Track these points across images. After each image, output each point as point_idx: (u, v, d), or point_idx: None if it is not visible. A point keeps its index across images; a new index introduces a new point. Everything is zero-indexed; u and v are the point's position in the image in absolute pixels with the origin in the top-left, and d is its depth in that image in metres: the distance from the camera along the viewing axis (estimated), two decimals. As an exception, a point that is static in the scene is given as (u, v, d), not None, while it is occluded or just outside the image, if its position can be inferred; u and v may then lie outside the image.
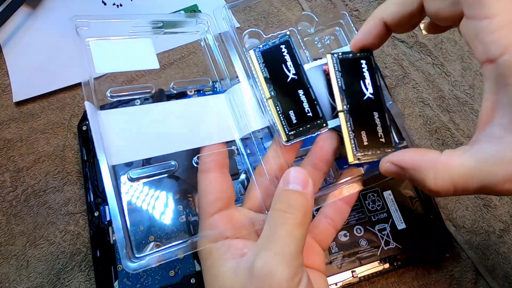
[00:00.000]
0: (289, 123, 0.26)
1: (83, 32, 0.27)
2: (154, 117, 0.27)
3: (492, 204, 0.39)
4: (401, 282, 0.36)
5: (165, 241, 0.30)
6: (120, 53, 0.28)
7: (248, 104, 0.28)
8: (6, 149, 0.38)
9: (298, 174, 0.23)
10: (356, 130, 0.26)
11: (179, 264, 0.32)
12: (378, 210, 0.36)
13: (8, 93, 0.41)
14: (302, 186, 0.23)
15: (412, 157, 0.22)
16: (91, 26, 0.27)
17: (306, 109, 0.27)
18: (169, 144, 0.26)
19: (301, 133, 0.26)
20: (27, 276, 0.34)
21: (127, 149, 0.25)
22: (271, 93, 0.27)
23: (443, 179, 0.20)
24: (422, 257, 0.35)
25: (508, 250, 0.37)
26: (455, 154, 0.20)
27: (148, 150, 0.26)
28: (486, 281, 0.36)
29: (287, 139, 0.26)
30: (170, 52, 0.44)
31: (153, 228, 0.30)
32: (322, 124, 0.27)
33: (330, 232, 0.28)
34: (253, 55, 0.27)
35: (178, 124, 0.27)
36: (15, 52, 0.42)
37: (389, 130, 0.26)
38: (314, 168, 0.27)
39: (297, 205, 0.22)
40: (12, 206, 0.36)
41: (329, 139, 0.27)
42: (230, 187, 0.27)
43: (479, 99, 0.44)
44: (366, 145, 0.26)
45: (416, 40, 0.47)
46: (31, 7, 0.45)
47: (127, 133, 0.26)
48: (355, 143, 0.26)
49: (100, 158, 0.23)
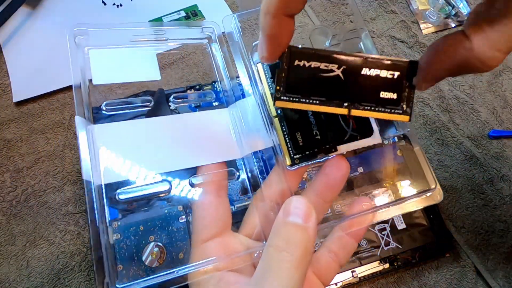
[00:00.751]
0: (295, 145, 0.24)
1: (82, 41, 0.25)
2: (151, 132, 0.25)
3: (492, 204, 0.39)
4: (401, 282, 0.36)
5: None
6: (120, 64, 0.27)
7: (253, 122, 0.26)
8: (6, 149, 0.38)
9: (299, 205, 0.21)
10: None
11: (179, 264, 0.32)
12: (378, 210, 0.36)
13: (8, 93, 0.41)
14: (303, 219, 0.21)
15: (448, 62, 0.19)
16: (90, 35, 0.25)
17: (314, 131, 0.25)
18: (165, 162, 0.25)
19: (308, 157, 0.24)
20: (27, 276, 0.34)
21: (120, 167, 0.23)
22: (277, 111, 0.25)
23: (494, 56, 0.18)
24: (422, 257, 0.35)
25: (508, 250, 0.37)
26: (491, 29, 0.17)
27: (142, 169, 0.24)
28: (486, 281, 0.36)
29: (291, 163, 0.24)
30: (170, 52, 0.44)
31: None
32: (331, 149, 0.25)
33: (333, 268, 0.25)
34: (261, 69, 0.26)
35: (176, 140, 0.25)
36: (15, 52, 0.42)
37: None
38: (319, 196, 0.25)
39: (296, 241, 0.20)
40: (12, 206, 0.36)
41: (338, 166, 0.24)
42: (226, 211, 0.25)
43: (479, 99, 0.44)
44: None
45: (416, 40, 0.47)
46: (31, 7, 0.45)
47: (121, 149, 0.24)
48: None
49: (86, 175, 0.21)
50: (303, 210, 0.21)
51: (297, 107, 0.22)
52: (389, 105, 0.22)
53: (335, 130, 0.25)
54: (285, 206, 0.21)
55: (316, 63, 0.21)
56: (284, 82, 0.21)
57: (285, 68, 0.21)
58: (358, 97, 0.22)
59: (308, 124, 0.25)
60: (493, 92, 0.45)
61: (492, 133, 0.42)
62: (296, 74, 0.21)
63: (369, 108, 0.22)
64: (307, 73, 0.21)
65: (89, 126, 0.23)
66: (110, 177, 0.23)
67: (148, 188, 0.26)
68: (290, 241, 0.20)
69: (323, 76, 0.22)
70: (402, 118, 0.22)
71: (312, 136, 0.25)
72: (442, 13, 0.49)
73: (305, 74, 0.21)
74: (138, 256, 0.27)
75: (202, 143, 0.26)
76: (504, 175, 0.40)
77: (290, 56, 0.21)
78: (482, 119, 0.43)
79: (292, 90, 0.21)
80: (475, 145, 0.42)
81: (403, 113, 0.22)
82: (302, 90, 0.22)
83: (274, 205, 0.24)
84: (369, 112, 0.22)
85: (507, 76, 0.46)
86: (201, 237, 0.24)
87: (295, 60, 0.21)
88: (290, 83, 0.21)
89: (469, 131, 0.43)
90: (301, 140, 0.24)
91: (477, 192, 0.40)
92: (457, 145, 0.42)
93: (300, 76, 0.22)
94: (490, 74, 0.46)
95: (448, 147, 0.42)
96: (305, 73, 0.21)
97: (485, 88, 0.45)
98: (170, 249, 0.29)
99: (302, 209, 0.21)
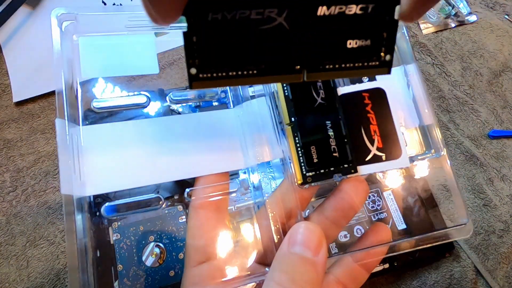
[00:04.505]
0: (309, 161, 0.21)
1: (69, 28, 0.21)
2: (145, 136, 0.22)
3: (492, 204, 0.39)
4: (401, 282, 0.36)
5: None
6: (114, 53, 0.23)
7: (261, 128, 0.22)
8: (6, 149, 0.38)
9: (309, 234, 0.18)
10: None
11: (179, 264, 0.32)
12: (378, 210, 0.36)
13: (8, 93, 0.41)
14: (313, 251, 0.18)
15: None
16: (79, 21, 0.21)
17: (332, 147, 0.21)
18: (159, 171, 0.22)
19: (322, 176, 0.21)
20: (27, 276, 0.34)
21: (108, 176, 0.21)
22: (291, 119, 0.21)
23: None
24: (422, 257, 0.35)
25: (508, 250, 0.37)
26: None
27: (132, 179, 0.21)
28: (486, 281, 0.36)
29: (302, 181, 0.21)
30: (170, 52, 0.44)
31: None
32: (350, 170, 0.21)
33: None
34: None
35: (173, 145, 0.23)
36: (15, 52, 0.42)
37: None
38: (330, 220, 0.21)
39: (302, 280, 0.17)
40: (12, 206, 0.36)
41: (357, 189, 0.21)
42: (225, 229, 0.22)
43: (479, 99, 0.44)
44: (316, 162, 0.21)
45: (416, 40, 0.47)
46: (31, 7, 0.45)
47: (109, 155, 0.21)
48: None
49: (64, 187, 0.18)
50: (314, 240, 0.18)
51: (225, 85, 0.15)
52: (361, 57, 0.16)
53: (356, 147, 0.21)
54: (292, 234, 0.18)
55: (243, 11, 0.14)
56: (199, 51, 0.14)
57: (195, 29, 0.14)
58: (314, 54, 0.15)
59: (325, 138, 0.21)
60: (493, 92, 0.45)
61: (492, 133, 0.42)
62: (214, 35, 0.14)
63: (332, 67, 0.16)
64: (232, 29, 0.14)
65: (72, 128, 0.20)
66: (96, 188, 0.21)
67: (137, 201, 0.24)
68: (296, 279, 0.17)
69: (258, 30, 0.14)
70: (379, 71, 0.16)
71: (330, 152, 0.21)
72: (442, 13, 0.49)
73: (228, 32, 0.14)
74: (138, 256, 0.27)
75: (203, 149, 0.23)
76: (504, 175, 0.40)
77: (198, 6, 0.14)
78: (482, 119, 0.43)
79: (212, 61, 0.15)
80: (475, 145, 0.42)
81: (380, 65, 0.16)
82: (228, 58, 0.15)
83: (279, 227, 0.21)
84: (333, 73, 0.16)
85: (507, 76, 0.46)
86: (195, 258, 0.21)
87: (209, 12, 0.14)
88: (208, 51, 0.14)
89: (469, 131, 0.43)
90: (316, 156, 0.21)
91: (477, 192, 0.40)
92: (457, 145, 0.42)
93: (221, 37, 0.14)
94: (490, 74, 0.46)
95: (448, 147, 0.42)
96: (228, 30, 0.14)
97: (485, 88, 0.45)
98: (170, 249, 0.29)
99: (312, 239, 0.18)
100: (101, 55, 0.22)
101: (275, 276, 0.18)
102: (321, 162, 0.21)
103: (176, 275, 0.31)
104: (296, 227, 0.19)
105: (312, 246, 0.18)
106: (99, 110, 0.25)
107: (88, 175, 0.20)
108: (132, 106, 0.26)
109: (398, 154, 0.22)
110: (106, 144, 0.21)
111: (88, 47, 0.22)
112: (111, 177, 0.21)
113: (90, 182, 0.20)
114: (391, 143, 0.22)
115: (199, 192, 0.22)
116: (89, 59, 0.22)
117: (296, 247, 0.18)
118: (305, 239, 0.18)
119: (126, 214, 0.24)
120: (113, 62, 0.23)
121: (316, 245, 0.18)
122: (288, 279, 0.17)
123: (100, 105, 0.25)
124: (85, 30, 0.21)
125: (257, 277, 0.21)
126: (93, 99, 0.25)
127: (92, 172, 0.20)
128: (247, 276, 0.21)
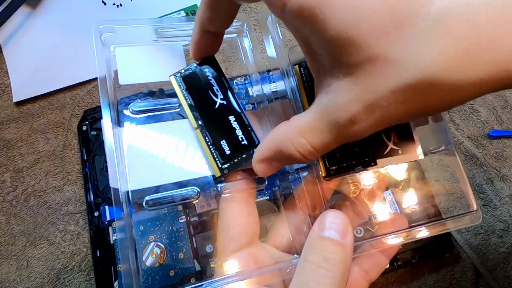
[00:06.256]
0: (332, 156, 0.23)
1: (108, 39, 0.24)
2: (180, 135, 0.25)
3: (492, 204, 0.39)
4: (401, 282, 0.36)
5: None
6: (147, 62, 0.26)
7: None
8: (6, 149, 0.38)
9: (336, 220, 0.20)
10: (216, 142, 0.24)
11: (179, 264, 0.32)
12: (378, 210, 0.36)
13: (8, 93, 0.41)
14: (341, 234, 0.19)
15: (269, 142, 0.20)
16: (116, 32, 0.24)
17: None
18: (194, 167, 0.24)
19: (344, 169, 0.23)
20: (27, 276, 0.34)
21: (148, 172, 0.23)
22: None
23: (301, 144, 0.18)
24: (422, 257, 0.35)
25: (508, 250, 0.37)
26: (300, 115, 0.18)
27: (170, 174, 0.24)
28: (486, 281, 0.36)
29: (326, 174, 0.23)
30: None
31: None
32: (371, 163, 0.23)
33: (363, 285, 0.24)
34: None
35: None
36: (15, 52, 0.42)
37: (250, 129, 0.24)
38: (354, 211, 0.24)
39: (335, 259, 0.19)
40: (12, 206, 0.36)
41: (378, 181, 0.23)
42: (255, 220, 0.24)
43: (479, 99, 0.44)
44: (229, 153, 0.24)
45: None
46: (31, 7, 0.45)
47: (149, 153, 0.24)
48: (217, 156, 0.24)
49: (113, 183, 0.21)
50: (341, 225, 0.20)
51: None
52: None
53: (375, 142, 0.24)
54: (321, 220, 0.20)
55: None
56: None
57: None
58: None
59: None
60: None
61: (492, 133, 0.42)
62: None
63: None
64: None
65: (116, 129, 0.23)
66: (137, 183, 0.23)
67: (176, 195, 0.26)
68: (328, 258, 0.19)
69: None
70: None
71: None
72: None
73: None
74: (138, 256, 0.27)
75: None
76: (504, 175, 0.40)
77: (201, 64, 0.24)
78: (482, 119, 0.43)
79: None
80: (475, 145, 0.42)
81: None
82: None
83: (306, 217, 0.22)
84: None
85: (507, 76, 0.46)
86: (229, 247, 0.23)
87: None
88: None
89: (469, 131, 0.43)
90: (338, 151, 0.23)
91: (477, 192, 0.40)
92: (457, 145, 0.42)
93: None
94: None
95: (448, 147, 0.42)
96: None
97: (485, 88, 0.45)
98: (170, 249, 0.29)
99: (339, 224, 0.20)
100: (136, 63, 0.25)
101: (309, 257, 0.19)
102: (343, 156, 0.23)
103: (176, 275, 0.31)
104: (324, 214, 0.20)
105: (340, 230, 0.19)
106: (136, 113, 0.28)
107: (131, 171, 0.23)
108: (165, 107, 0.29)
109: (412, 148, 0.24)
110: (146, 143, 0.24)
111: (125, 56, 0.25)
112: (150, 173, 0.23)
113: (133, 178, 0.23)
114: (406, 138, 0.24)
115: (231, 185, 0.24)
116: (126, 68, 0.25)
117: (326, 231, 0.20)
118: (333, 224, 0.20)
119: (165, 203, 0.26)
120: (147, 69, 0.26)
121: (344, 229, 0.20)
122: (322, 259, 0.19)
123: (137, 108, 0.28)
124: (121, 41, 0.25)
125: (288, 263, 0.23)
126: (131, 103, 0.27)
127: (133, 169, 0.23)
128: (278, 263, 0.23)
